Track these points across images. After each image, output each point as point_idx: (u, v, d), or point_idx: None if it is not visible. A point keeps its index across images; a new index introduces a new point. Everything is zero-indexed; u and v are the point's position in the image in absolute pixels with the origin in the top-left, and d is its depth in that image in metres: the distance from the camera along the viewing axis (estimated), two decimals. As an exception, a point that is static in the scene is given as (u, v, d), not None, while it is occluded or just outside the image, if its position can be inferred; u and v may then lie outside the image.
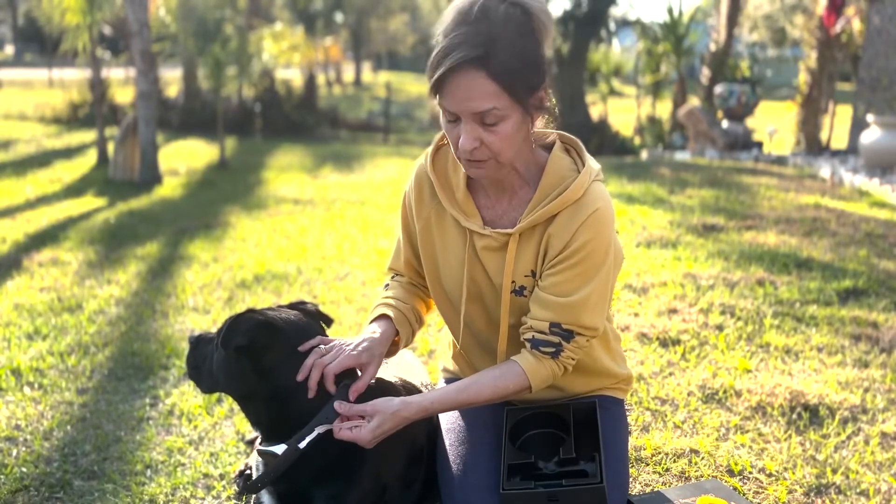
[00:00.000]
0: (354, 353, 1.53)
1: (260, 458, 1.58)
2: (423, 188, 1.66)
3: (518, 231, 1.53)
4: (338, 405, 1.49)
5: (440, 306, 1.73)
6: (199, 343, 1.65)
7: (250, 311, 1.54)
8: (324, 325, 1.69)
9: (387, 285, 1.77)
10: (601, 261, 1.51)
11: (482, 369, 1.68)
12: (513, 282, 1.57)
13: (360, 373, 1.56)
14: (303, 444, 1.47)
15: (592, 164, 1.55)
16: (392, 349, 1.67)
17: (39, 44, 34.09)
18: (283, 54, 11.50)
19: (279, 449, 1.49)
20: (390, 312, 1.66)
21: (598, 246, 1.50)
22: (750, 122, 11.05)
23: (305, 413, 1.50)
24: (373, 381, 1.65)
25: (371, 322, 1.66)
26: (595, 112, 15.36)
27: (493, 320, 1.65)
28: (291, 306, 1.66)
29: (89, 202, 6.66)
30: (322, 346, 1.54)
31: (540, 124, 1.55)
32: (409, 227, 1.72)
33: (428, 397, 1.53)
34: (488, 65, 1.35)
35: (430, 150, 1.66)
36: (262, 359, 1.49)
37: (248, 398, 1.55)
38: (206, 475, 2.02)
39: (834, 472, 1.98)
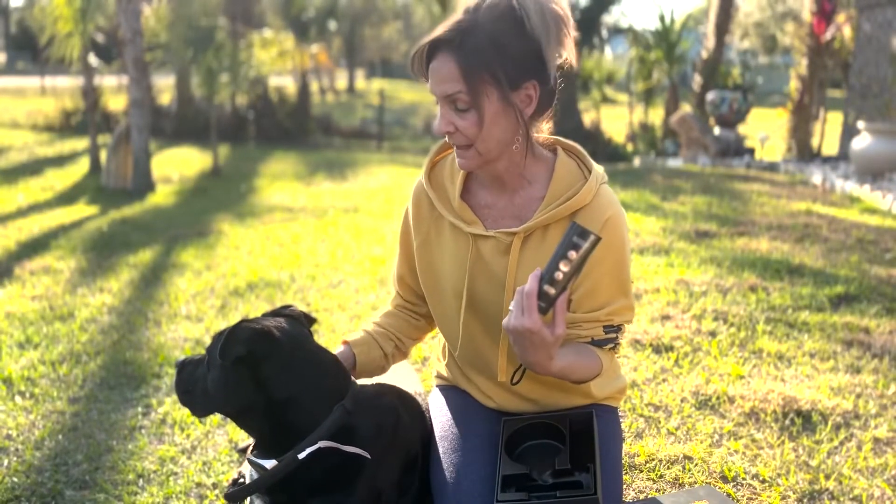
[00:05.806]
0: None
1: (252, 468, 1.57)
2: (421, 204, 1.66)
3: (524, 231, 1.51)
4: None
5: (438, 319, 1.72)
6: (185, 367, 1.59)
7: (245, 321, 1.51)
8: (309, 325, 1.68)
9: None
10: (621, 257, 1.53)
11: (477, 381, 1.71)
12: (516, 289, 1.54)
13: None
14: (302, 455, 1.45)
15: (598, 168, 1.55)
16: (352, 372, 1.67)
17: (32, 52, 34.02)
18: (273, 61, 11.49)
19: (268, 464, 1.47)
20: (353, 336, 1.69)
21: (613, 248, 1.51)
22: (742, 128, 11.10)
23: (304, 423, 1.48)
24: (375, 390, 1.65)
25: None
26: (588, 119, 15.41)
27: (492, 334, 1.62)
28: (275, 314, 1.63)
29: (81, 210, 6.64)
30: None
31: (546, 128, 1.55)
32: (408, 243, 1.71)
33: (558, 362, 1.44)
34: (457, 50, 1.38)
35: (426, 166, 1.66)
36: (259, 369, 1.47)
37: (246, 412, 1.52)
38: (198, 484, 2.02)
39: (827, 477, 1.98)
